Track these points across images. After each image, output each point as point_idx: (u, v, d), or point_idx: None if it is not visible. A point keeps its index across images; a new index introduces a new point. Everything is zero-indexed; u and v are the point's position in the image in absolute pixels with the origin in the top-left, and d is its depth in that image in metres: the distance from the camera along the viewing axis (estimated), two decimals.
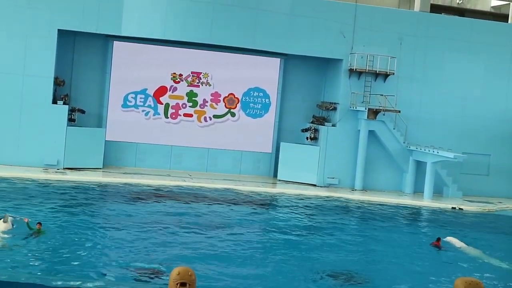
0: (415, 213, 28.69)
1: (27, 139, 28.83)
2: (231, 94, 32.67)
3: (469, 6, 40.57)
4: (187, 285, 6.09)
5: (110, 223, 20.84)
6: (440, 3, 39.67)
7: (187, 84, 32.13)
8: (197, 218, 22.91)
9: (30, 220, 18.79)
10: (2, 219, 18.62)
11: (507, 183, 33.96)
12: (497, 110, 33.86)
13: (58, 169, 28.79)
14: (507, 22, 36.52)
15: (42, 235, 18.34)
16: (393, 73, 31.97)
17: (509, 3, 36.92)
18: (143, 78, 31.62)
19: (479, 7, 40.68)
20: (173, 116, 32.10)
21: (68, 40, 30.45)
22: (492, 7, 40.74)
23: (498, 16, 39.40)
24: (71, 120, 29.83)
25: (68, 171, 28.64)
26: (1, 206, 21.17)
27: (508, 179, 33.97)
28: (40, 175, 27.33)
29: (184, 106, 32.18)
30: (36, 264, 16.00)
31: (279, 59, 32.85)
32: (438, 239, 21.65)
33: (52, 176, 27.38)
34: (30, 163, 28.59)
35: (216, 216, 23.61)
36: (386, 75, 32.04)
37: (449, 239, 22.05)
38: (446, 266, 19.54)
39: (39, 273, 15.15)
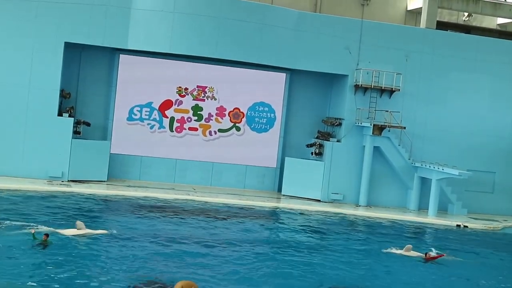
0: (419, 230, 28.55)
1: (32, 151, 28.86)
2: (237, 108, 32.68)
3: (475, 23, 40.60)
4: None
5: (113, 235, 20.76)
6: (446, 20, 39.70)
7: (192, 98, 32.17)
8: (200, 232, 22.84)
9: (36, 231, 18.83)
10: (77, 228, 19.96)
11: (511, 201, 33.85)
12: (503, 127, 33.82)
13: (62, 182, 28.78)
14: None
15: (48, 245, 18.35)
16: (399, 90, 31.98)
17: None
18: (148, 91, 31.69)
19: (485, 24, 40.70)
20: (178, 129, 32.12)
21: (74, 53, 30.55)
22: (498, 24, 40.75)
23: (504, 34, 39.35)
24: (76, 133, 29.85)
25: (72, 184, 28.64)
26: (4, 218, 21.15)
27: None
28: (44, 187, 27.32)
29: (189, 120, 32.20)
30: (39, 276, 15.95)
31: (284, 74, 32.88)
32: (427, 254, 21.68)
33: (56, 188, 27.37)
34: (35, 175, 28.62)
35: (219, 230, 23.53)
36: (391, 91, 32.04)
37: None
38: (447, 282, 19.41)
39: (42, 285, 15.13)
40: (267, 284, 17.55)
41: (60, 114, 29.36)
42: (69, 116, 29.49)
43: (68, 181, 29.00)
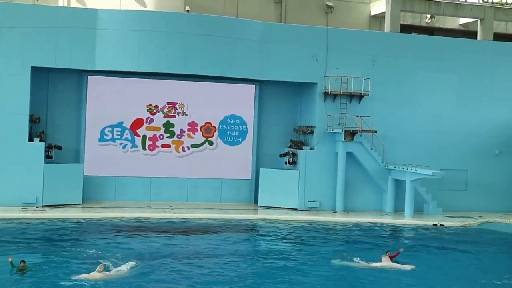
0: (396, 232, 28.74)
1: (4, 178, 28.56)
2: (208, 122, 32.69)
3: (438, 24, 41.14)
4: None
5: (93, 258, 20.59)
6: (409, 23, 40.19)
7: (163, 115, 32.11)
8: (179, 248, 22.80)
9: (13, 258, 18.62)
10: (99, 270, 18.38)
11: (485, 197, 34.25)
12: (472, 125, 34.26)
13: (37, 207, 28.50)
14: (476, 39, 37.08)
15: (27, 272, 18.19)
16: (368, 94, 32.26)
17: (477, 20, 37.54)
18: (119, 111, 31.57)
19: (448, 25, 41.26)
20: (151, 147, 32.02)
21: (42, 76, 30.35)
22: (461, 24, 41.34)
23: (466, 33, 39.97)
24: (48, 157, 29.61)
25: (47, 209, 28.36)
26: None
27: (486, 193, 34.28)
28: (19, 214, 27.03)
29: (161, 137, 32.13)
30: None
31: (253, 85, 32.99)
32: (388, 253, 21.71)
33: (31, 214, 27.10)
34: (8, 202, 28.31)
35: (197, 246, 23.49)
36: (360, 96, 32.31)
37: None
38: (429, 283, 19.58)
39: None
40: None
41: (30, 139, 29.12)
42: (40, 140, 29.27)
43: (43, 206, 28.72)
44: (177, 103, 32.23)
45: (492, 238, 28.29)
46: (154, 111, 32.01)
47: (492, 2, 40.55)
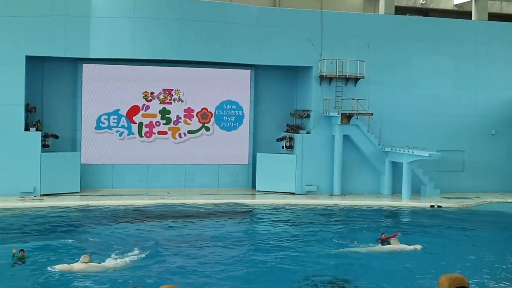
0: (395, 214, 28.83)
1: (1, 168, 28.55)
2: (204, 108, 32.67)
3: (432, 5, 41.07)
4: None
5: (92, 246, 20.65)
6: (403, 4, 40.11)
7: (159, 102, 32.08)
8: (178, 235, 22.85)
9: (17, 248, 18.70)
10: (83, 261, 17.67)
11: (482, 177, 34.33)
12: (467, 106, 34.27)
13: (35, 196, 28.53)
14: (471, 19, 37.02)
15: (27, 259, 18.26)
16: (363, 77, 32.23)
17: (472, 0, 37.46)
18: (114, 98, 31.51)
19: (442, 6, 41.20)
20: (148, 134, 32.02)
21: (36, 66, 30.27)
22: (455, 5, 41.27)
23: (461, 13, 39.92)
24: (45, 146, 29.60)
25: (45, 198, 28.40)
26: None
27: (483, 174, 34.36)
28: (17, 203, 27.06)
29: (157, 124, 32.12)
30: None
31: (249, 70, 32.94)
32: (383, 234, 21.77)
33: (29, 204, 27.13)
34: (6, 192, 28.33)
35: (196, 231, 23.54)
36: (356, 79, 32.29)
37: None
38: (430, 265, 19.66)
39: None
40: (250, 282, 17.63)
41: (27, 128, 29.09)
42: (36, 130, 29.23)
43: (41, 195, 28.74)
44: (172, 89, 32.18)
45: (490, 218, 28.37)
46: (150, 98, 31.97)
47: None
